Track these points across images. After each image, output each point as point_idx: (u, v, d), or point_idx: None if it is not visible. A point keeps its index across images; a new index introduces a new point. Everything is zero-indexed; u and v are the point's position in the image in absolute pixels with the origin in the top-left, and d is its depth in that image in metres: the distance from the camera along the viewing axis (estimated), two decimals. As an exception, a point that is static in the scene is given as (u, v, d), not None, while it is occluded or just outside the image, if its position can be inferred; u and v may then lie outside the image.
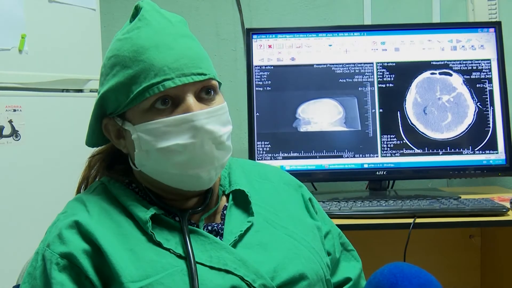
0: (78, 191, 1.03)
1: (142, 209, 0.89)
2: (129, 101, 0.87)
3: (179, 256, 0.86)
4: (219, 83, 0.94)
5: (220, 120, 0.89)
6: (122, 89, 0.88)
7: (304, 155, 1.84)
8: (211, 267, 0.86)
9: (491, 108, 1.86)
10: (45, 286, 0.85)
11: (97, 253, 0.85)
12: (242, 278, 0.85)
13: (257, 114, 1.86)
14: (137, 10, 0.93)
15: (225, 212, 0.97)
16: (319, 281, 0.93)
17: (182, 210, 0.93)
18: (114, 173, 0.98)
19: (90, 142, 0.99)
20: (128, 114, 0.90)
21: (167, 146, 0.86)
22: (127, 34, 0.90)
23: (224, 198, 0.99)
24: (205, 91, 0.90)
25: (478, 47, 1.90)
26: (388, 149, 1.85)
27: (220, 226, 0.94)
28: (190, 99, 0.86)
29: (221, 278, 0.85)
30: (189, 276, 0.83)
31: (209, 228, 0.94)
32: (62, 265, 0.84)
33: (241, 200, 0.97)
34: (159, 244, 0.87)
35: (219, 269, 0.86)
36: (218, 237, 0.92)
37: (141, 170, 0.93)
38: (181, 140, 0.86)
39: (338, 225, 1.12)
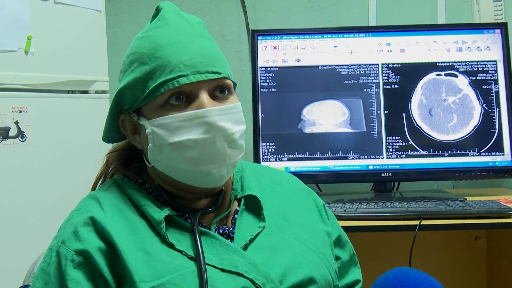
0: (95, 186, 1.03)
1: (156, 209, 0.90)
2: (145, 96, 0.89)
3: (191, 258, 0.86)
4: (234, 84, 0.95)
5: (233, 118, 0.90)
6: (138, 85, 0.90)
7: (309, 156, 1.84)
8: (222, 270, 0.86)
9: (497, 109, 1.86)
10: (59, 282, 0.85)
11: (111, 251, 0.86)
12: (252, 281, 0.85)
13: (262, 115, 1.86)
14: (157, 11, 0.95)
15: (236, 216, 0.97)
16: (327, 286, 0.93)
17: (193, 210, 0.94)
18: (128, 171, 0.99)
19: (106, 138, 1.01)
20: (143, 109, 0.92)
21: (179, 140, 0.87)
22: (146, 33, 0.93)
23: (236, 202, 1.00)
24: (219, 90, 0.91)
25: (484, 48, 1.89)
26: (394, 150, 1.84)
27: (231, 229, 0.94)
28: (204, 96, 0.88)
29: (232, 281, 0.85)
30: (199, 277, 0.84)
31: (221, 231, 0.94)
32: (77, 262, 0.85)
33: (253, 205, 0.97)
34: (171, 245, 0.87)
35: (230, 272, 0.86)
36: (229, 240, 0.92)
37: (154, 166, 0.94)
38: (193, 135, 0.87)
39: (343, 227, 1.12)
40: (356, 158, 1.84)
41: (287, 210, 1.00)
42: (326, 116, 1.86)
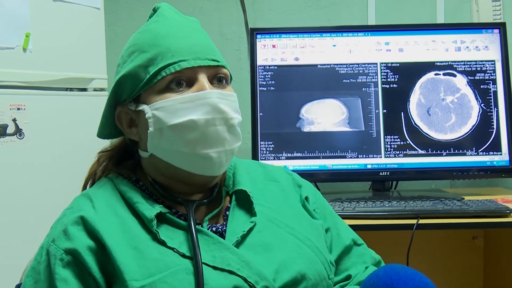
0: (85, 186, 1.03)
1: (147, 207, 0.90)
2: (145, 82, 0.91)
3: (183, 256, 0.86)
4: (231, 77, 0.97)
5: (232, 105, 0.93)
6: (139, 71, 0.92)
7: (308, 155, 1.84)
8: (214, 267, 0.86)
9: (495, 109, 1.86)
10: (48, 281, 0.85)
11: (101, 250, 0.85)
12: (245, 279, 0.85)
13: (261, 114, 1.86)
14: (154, 11, 0.98)
15: (227, 213, 0.97)
16: (322, 281, 0.93)
17: (188, 201, 0.94)
18: (122, 169, 0.99)
19: (101, 133, 1.01)
20: (142, 96, 0.93)
21: (181, 122, 0.88)
22: (145, 27, 0.96)
23: (227, 198, 1.00)
24: (218, 79, 0.94)
25: (483, 48, 1.89)
26: (392, 149, 1.85)
27: (223, 228, 0.94)
28: (204, 79, 0.91)
29: (224, 278, 0.85)
30: (194, 273, 0.83)
31: (213, 229, 0.94)
32: (66, 261, 0.85)
33: (244, 201, 0.97)
34: (163, 243, 0.87)
35: (222, 269, 0.86)
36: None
37: (151, 155, 0.94)
38: (195, 116, 0.88)
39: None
40: (355, 157, 1.84)
41: (282, 204, 1.00)
42: (324, 115, 1.86)
